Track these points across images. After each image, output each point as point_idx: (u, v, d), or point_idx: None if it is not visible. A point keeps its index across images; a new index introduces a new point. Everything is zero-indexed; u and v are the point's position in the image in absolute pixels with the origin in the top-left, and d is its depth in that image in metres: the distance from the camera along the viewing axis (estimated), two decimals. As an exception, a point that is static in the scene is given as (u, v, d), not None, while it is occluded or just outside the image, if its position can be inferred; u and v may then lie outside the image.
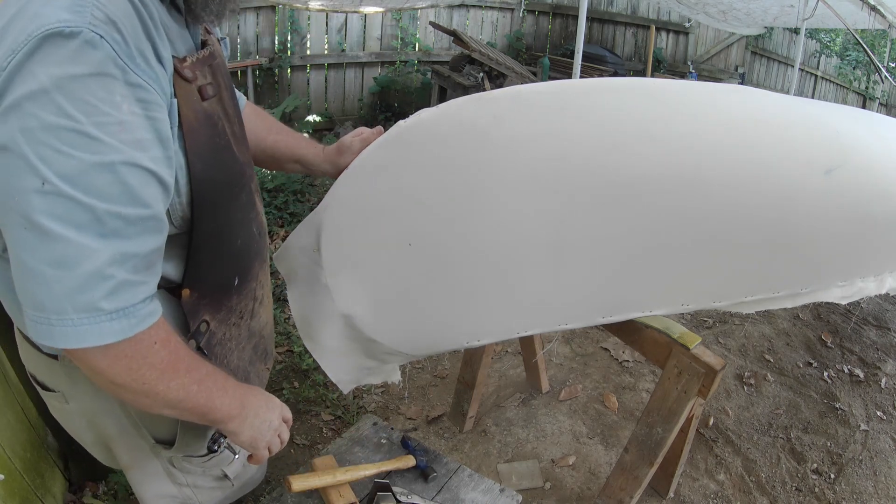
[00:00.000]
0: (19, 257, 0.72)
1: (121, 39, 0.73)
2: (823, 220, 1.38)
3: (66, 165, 0.69)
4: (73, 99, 0.69)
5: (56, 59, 0.69)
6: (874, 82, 6.75)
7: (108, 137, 0.71)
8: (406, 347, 1.44)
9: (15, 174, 0.69)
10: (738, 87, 1.62)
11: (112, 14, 0.73)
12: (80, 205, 0.70)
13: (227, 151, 0.97)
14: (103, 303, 0.74)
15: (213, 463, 1.19)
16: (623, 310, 1.42)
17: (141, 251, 0.77)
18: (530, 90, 1.32)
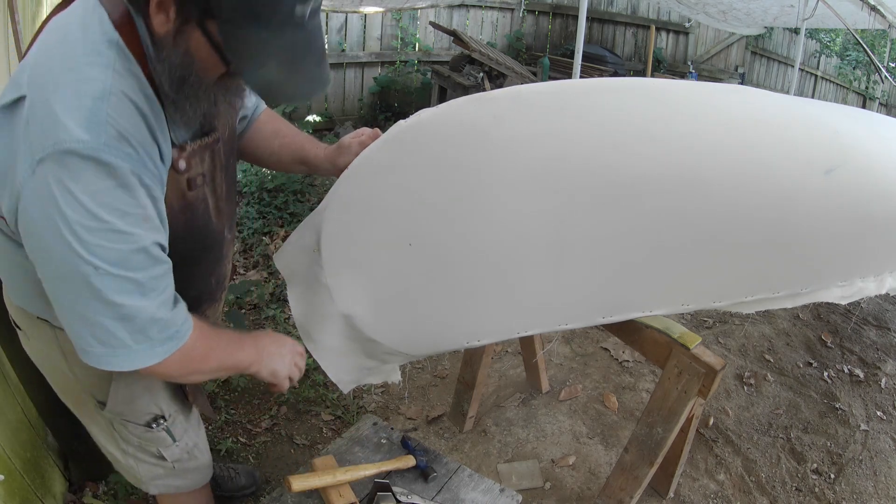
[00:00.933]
0: (80, 313, 0.93)
1: (133, 152, 0.91)
2: (823, 221, 1.38)
3: (111, 255, 0.90)
4: (105, 208, 0.88)
5: (82, 177, 0.86)
6: (874, 82, 6.75)
7: (137, 230, 0.93)
8: (406, 347, 1.44)
9: (72, 263, 0.89)
10: (738, 87, 1.62)
11: (123, 129, 0.89)
12: (126, 279, 0.93)
13: (204, 228, 1.18)
14: (155, 335, 0.98)
15: (149, 438, 1.34)
16: (623, 310, 1.42)
17: (169, 294, 1.01)
18: (530, 90, 1.32)
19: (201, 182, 1.14)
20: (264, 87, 0.95)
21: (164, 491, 1.46)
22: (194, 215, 1.14)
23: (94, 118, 0.87)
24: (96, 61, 0.89)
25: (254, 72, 0.92)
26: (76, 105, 0.87)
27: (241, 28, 0.88)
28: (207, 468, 1.52)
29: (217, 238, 1.25)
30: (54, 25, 0.97)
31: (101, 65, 0.90)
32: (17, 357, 1.72)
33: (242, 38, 0.89)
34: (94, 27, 0.92)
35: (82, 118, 0.86)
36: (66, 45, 0.91)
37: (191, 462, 1.45)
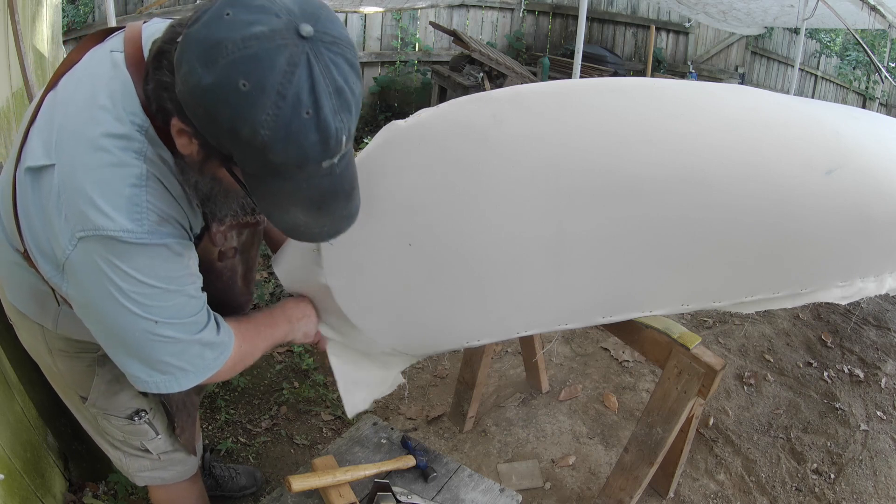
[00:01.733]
0: (140, 356, 1.01)
1: (173, 229, 0.97)
2: (823, 221, 1.38)
3: (166, 311, 0.98)
4: (155, 277, 0.95)
5: (132, 258, 0.92)
6: (874, 82, 6.74)
7: (185, 286, 1.01)
8: (406, 347, 1.44)
9: (131, 321, 0.97)
10: (738, 87, 1.61)
11: (162, 211, 0.95)
12: (182, 324, 1.01)
13: (226, 293, 1.26)
14: (209, 357, 1.08)
15: (132, 431, 1.38)
16: (623, 310, 1.42)
17: (213, 320, 1.09)
18: (530, 90, 1.32)
19: (233, 255, 1.22)
20: (291, 230, 0.95)
21: (151, 483, 1.48)
22: (219, 280, 1.22)
23: (134, 207, 0.91)
24: (129, 147, 0.91)
25: (280, 216, 0.91)
26: (114, 193, 0.90)
27: (265, 182, 0.87)
28: (193, 460, 1.53)
29: (240, 298, 1.33)
30: (80, 78, 0.98)
31: (134, 150, 0.92)
32: (17, 357, 1.72)
33: (267, 188, 0.88)
34: (124, 103, 0.92)
35: (123, 207, 0.90)
36: (93, 116, 0.92)
37: (176, 454, 1.47)
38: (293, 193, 0.87)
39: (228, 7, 0.78)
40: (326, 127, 0.79)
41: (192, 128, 0.85)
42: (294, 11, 0.79)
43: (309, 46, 0.78)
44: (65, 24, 4.75)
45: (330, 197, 0.89)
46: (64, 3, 4.75)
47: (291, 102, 0.77)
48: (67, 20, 4.86)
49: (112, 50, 0.99)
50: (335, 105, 0.79)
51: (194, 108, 0.81)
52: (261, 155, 0.81)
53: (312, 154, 0.81)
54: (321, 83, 0.78)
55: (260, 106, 0.76)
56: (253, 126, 0.77)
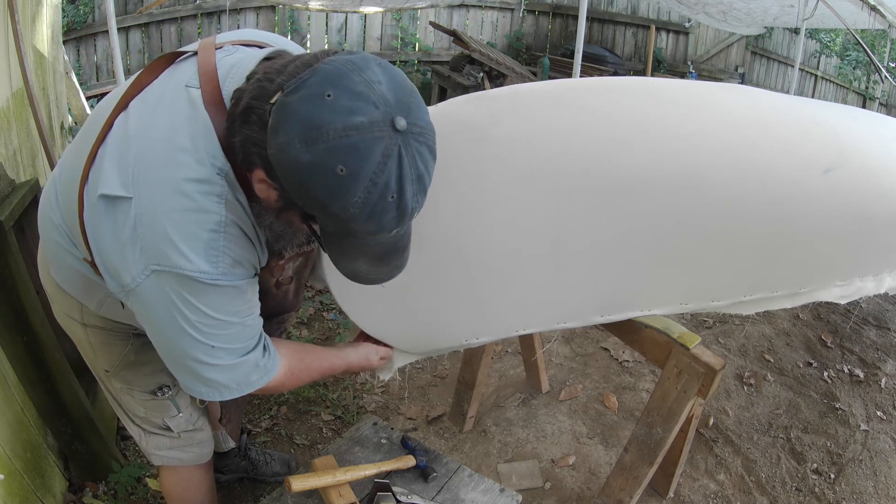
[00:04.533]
0: (193, 371, 1.08)
1: (244, 271, 1.04)
2: (822, 220, 1.38)
3: (224, 338, 1.06)
4: (222, 311, 1.03)
5: (204, 296, 0.99)
6: (874, 82, 6.74)
7: (246, 318, 1.08)
8: (405, 346, 1.44)
9: (190, 344, 1.04)
10: (737, 87, 1.62)
11: (237, 255, 1.01)
12: (235, 349, 1.08)
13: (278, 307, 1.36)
14: (254, 378, 1.14)
15: (153, 406, 1.41)
16: (621, 309, 1.42)
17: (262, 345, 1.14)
18: (528, 90, 1.32)
19: (288, 282, 1.30)
20: (350, 274, 1.03)
21: (167, 462, 1.50)
22: (274, 301, 1.31)
23: (212, 251, 0.97)
24: (210, 191, 0.96)
25: (345, 264, 1.01)
26: (194, 237, 0.96)
27: (339, 239, 0.96)
28: (209, 443, 1.56)
29: (289, 308, 1.41)
30: (155, 109, 1.01)
31: (216, 195, 0.97)
32: (17, 357, 1.72)
33: (338, 245, 0.98)
34: (206, 146, 0.97)
35: (201, 251, 0.96)
36: (180, 160, 0.96)
37: (195, 434, 1.50)
38: (362, 249, 0.97)
39: (329, 87, 0.84)
40: (405, 207, 0.89)
41: (278, 185, 0.91)
42: (391, 102, 0.85)
43: (401, 139, 0.85)
44: (65, 24, 4.76)
45: (391, 252, 1.00)
46: (64, 3, 4.76)
47: (381, 189, 0.85)
48: (67, 20, 4.87)
49: (188, 85, 1.02)
50: (415, 189, 0.89)
51: (287, 176, 0.87)
52: (343, 224, 0.89)
53: (388, 227, 0.91)
54: (407, 172, 0.86)
55: (353, 190, 0.84)
56: (343, 204, 0.86)
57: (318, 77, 0.85)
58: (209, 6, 5.62)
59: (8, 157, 2.05)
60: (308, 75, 0.86)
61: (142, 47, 5.47)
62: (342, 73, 0.85)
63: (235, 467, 2.04)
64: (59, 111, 3.18)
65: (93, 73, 5.28)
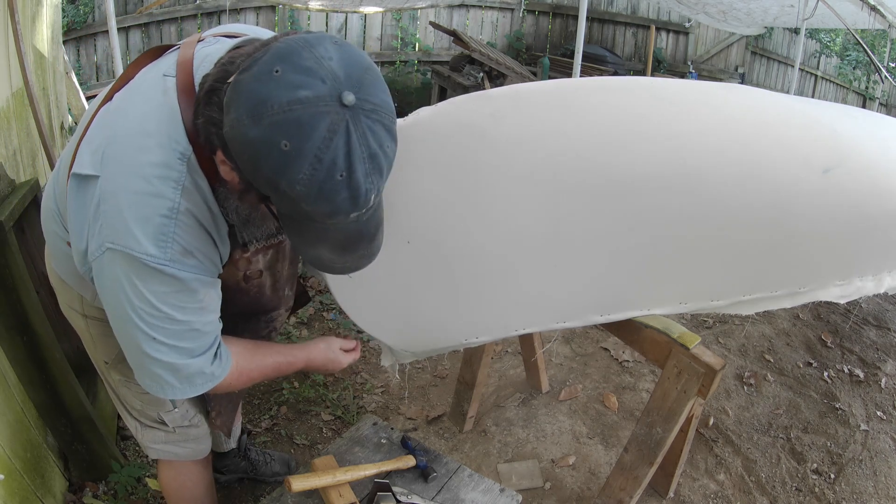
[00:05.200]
0: (138, 362, 1.09)
1: (196, 262, 1.02)
2: (821, 220, 1.38)
3: (167, 333, 1.04)
4: (166, 304, 1.01)
5: (148, 280, 0.98)
6: (874, 82, 6.74)
7: (192, 317, 1.05)
8: (404, 345, 1.44)
9: (134, 330, 1.03)
10: (737, 87, 1.61)
11: (188, 244, 0.99)
12: (178, 348, 1.06)
13: (255, 303, 1.34)
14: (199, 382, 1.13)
15: (149, 400, 1.41)
16: (621, 308, 1.42)
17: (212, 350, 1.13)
18: (528, 89, 1.32)
19: (258, 276, 1.28)
20: (315, 262, 1.02)
21: (163, 457, 1.51)
22: (246, 295, 1.30)
23: (161, 236, 0.97)
24: (168, 176, 0.97)
25: (306, 250, 0.99)
26: (146, 219, 0.96)
27: (296, 222, 0.94)
28: (206, 439, 1.56)
29: (269, 304, 1.39)
30: (132, 97, 1.05)
31: (173, 180, 0.97)
32: (16, 357, 1.72)
33: (298, 226, 0.95)
34: (170, 131, 0.98)
35: (150, 234, 0.96)
36: (144, 144, 0.98)
37: (191, 430, 1.50)
38: (321, 235, 0.94)
39: (278, 63, 0.83)
40: (357, 187, 0.85)
41: (234, 164, 0.91)
42: (339, 77, 0.83)
43: (349, 114, 0.83)
44: (65, 24, 4.76)
45: (355, 240, 0.97)
46: (64, 3, 4.76)
47: (327, 166, 0.82)
48: (67, 20, 4.87)
49: (165, 74, 1.04)
50: (367, 168, 0.85)
51: (239, 153, 0.87)
52: (295, 204, 0.87)
53: (342, 208, 0.87)
54: (357, 149, 0.84)
55: (298, 166, 0.82)
56: (290, 181, 0.83)
57: (269, 55, 0.84)
58: (209, 6, 5.62)
59: (8, 157, 2.05)
60: (261, 54, 0.85)
61: (142, 47, 5.47)
62: (293, 49, 0.84)
63: (235, 467, 2.04)
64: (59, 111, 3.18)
65: (93, 73, 5.28)
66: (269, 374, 1.31)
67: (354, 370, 2.73)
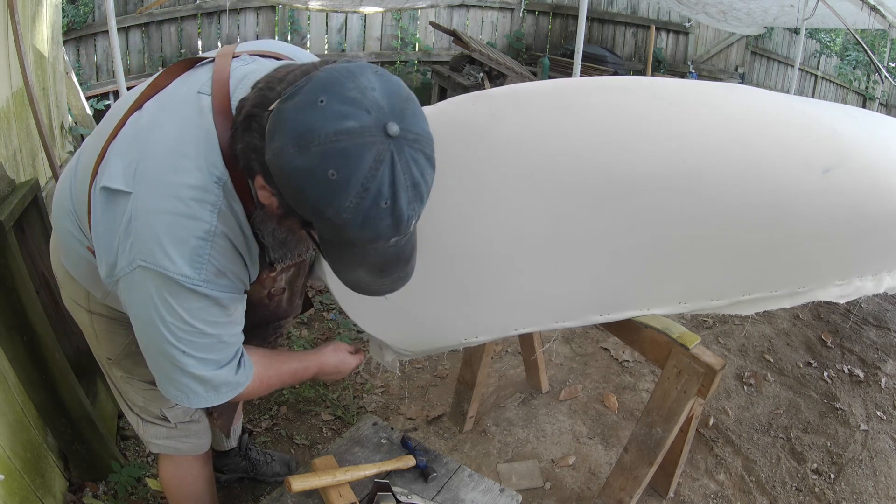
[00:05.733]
0: (166, 373, 1.10)
1: (229, 283, 1.05)
2: (821, 219, 1.38)
3: (197, 347, 1.07)
4: (198, 319, 1.04)
5: (182, 299, 1.01)
6: (874, 82, 6.74)
7: (222, 330, 1.09)
8: (405, 345, 1.44)
9: (164, 343, 1.05)
10: (737, 86, 1.62)
11: (222, 265, 1.02)
12: (207, 360, 1.09)
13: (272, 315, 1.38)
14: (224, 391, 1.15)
15: (152, 397, 1.43)
16: (620, 308, 1.42)
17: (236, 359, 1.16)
18: (528, 89, 1.32)
19: (281, 293, 1.31)
20: (353, 285, 1.02)
21: (164, 451, 1.52)
22: (267, 310, 1.33)
23: (197, 258, 0.99)
24: (205, 199, 0.99)
25: (345, 274, 1.00)
26: (181, 241, 0.98)
27: (338, 248, 0.96)
28: (206, 434, 1.57)
29: (283, 315, 1.42)
30: (165, 112, 1.05)
31: (210, 204, 0.99)
32: (17, 357, 1.72)
33: (338, 254, 0.97)
34: (207, 153, 0.99)
35: (186, 255, 0.98)
36: (180, 165, 0.99)
37: (192, 425, 1.52)
38: (361, 259, 0.96)
39: (322, 93, 0.84)
40: (400, 215, 0.88)
41: (276, 191, 0.92)
42: (383, 108, 0.85)
43: (394, 145, 0.84)
44: (65, 24, 4.76)
45: (392, 263, 0.98)
46: (64, 3, 4.76)
47: (373, 195, 0.84)
48: (67, 20, 4.87)
49: (200, 91, 1.05)
50: (410, 196, 0.88)
51: (283, 181, 0.88)
52: (338, 231, 0.89)
53: (385, 234, 0.89)
54: (401, 178, 0.86)
55: (345, 195, 0.84)
56: (336, 210, 0.85)
57: (312, 84, 0.86)
58: (209, 6, 5.62)
59: (8, 157, 2.05)
60: (304, 83, 0.87)
61: (142, 47, 5.47)
62: (336, 79, 0.86)
63: (235, 467, 2.04)
64: (59, 111, 3.18)
65: (93, 73, 5.28)
66: (286, 380, 1.33)
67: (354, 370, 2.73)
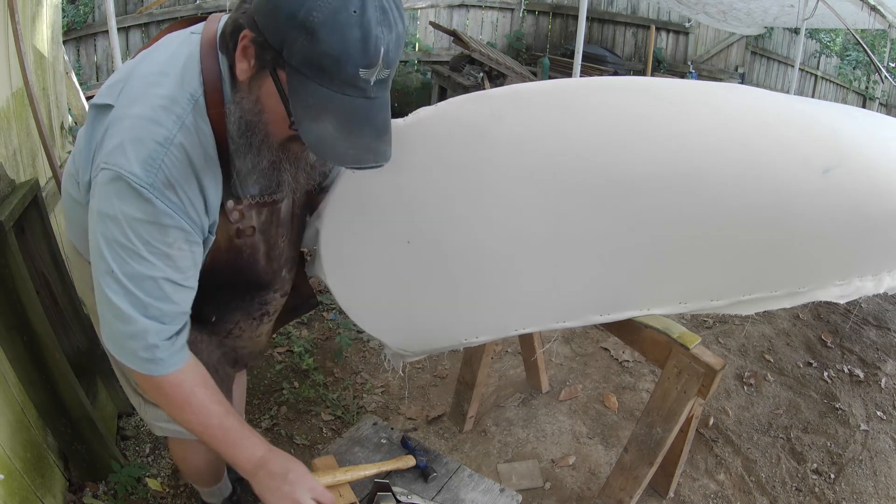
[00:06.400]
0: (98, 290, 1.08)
1: (176, 199, 1.03)
2: (821, 219, 1.38)
3: (125, 268, 1.04)
4: (135, 233, 1.02)
5: (126, 201, 1.00)
6: (874, 82, 6.74)
7: (156, 261, 1.05)
8: (404, 345, 1.44)
9: (97, 255, 1.06)
10: (736, 86, 1.61)
11: (173, 177, 1.02)
12: (131, 293, 1.05)
13: (248, 268, 1.31)
14: (140, 352, 1.09)
15: None
16: (620, 308, 1.42)
17: (169, 329, 1.11)
18: (528, 89, 1.32)
19: (251, 233, 1.27)
20: (318, 142, 0.97)
21: (166, 434, 1.51)
22: (239, 257, 1.29)
23: (150, 160, 1.00)
24: (172, 110, 1.02)
25: (310, 125, 0.96)
26: (140, 141, 1.00)
27: (307, 79, 0.95)
28: None
29: (263, 277, 1.37)
30: (158, 48, 1.12)
31: (175, 114, 1.02)
32: (17, 357, 1.72)
33: (305, 90, 0.95)
34: (184, 73, 1.04)
35: (141, 156, 1.00)
36: (160, 81, 1.04)
37: None
38: (329, 100, 0.95)
39: None
40: (368, 29, 0.91)
41: (254, 31, 0.96)
42: None
43: None
44: (65, 24, 4.76)
45: (361, 120, 0.98)
46: (64, 3, 4.76)
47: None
48: (67, 20, 4.86)
49: (192, 32, 1.12)
50: (378, 17, 0.92)
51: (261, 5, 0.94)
52: (309, 41, 0.91)
53: (353, 52, 0.92)
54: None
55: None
56: (308, 9, 0.89)
57: None
58: (209, 6, 5.62)
59: (8, 157, 2.05)
60: None
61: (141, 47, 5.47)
62: None
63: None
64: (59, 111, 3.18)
65: (93, 73, 5.28)
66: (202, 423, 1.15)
67: (354, 370, 2.73)
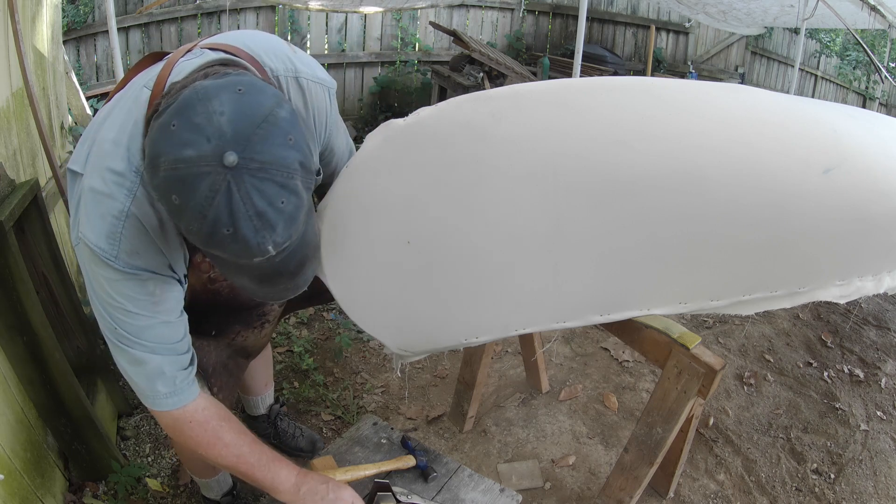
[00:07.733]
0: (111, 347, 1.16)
1: (142, 262, 1.09)
2: (821, 220, 1.38)
3: (123, 325, 1.12)
4: (117, 292, 1.09)
5: (101, 268, 1.08)
6: (874, 82, 6.74)
7: (145, 312, 1.12)
8: (404, 345, 1.44)
9: (98, 314, 1.14)
10: (736, 86, 1.61)
11: (134, 246, 1.07)
12: (135, 342, 1.14)
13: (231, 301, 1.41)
14: (160, 388, 1.17)
15: None
16: (620, 308, 1.42)
17: (182, 360, 1.20)
18: (528, 89, 1.32)
19: (221, 278, 1.33)
20: (240, 286, 1.06)
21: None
22: (218, 297, 1.37)
23: (111, 233, 1.06)
24: (123, 184, 1.05)
25: (231, 278, 1.06)
26: (101, 216, 1.06)
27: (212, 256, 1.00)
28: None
29: (248, 303, 1.45)
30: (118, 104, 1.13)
31: (126, 188, 1.05)
32: (17, 357, 1.72)
33: (215, 259, 1.01)
34: (129, 142, 1.07)
35: (104, 231, 1.06)
36: (113, 152, 1.07)
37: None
38: (237, 269, 0.99)
39: (175, 117, 0.88)
40: (246, 242, 0.89)
41: None
42: (226, 135, 0.86)
43: (231, 175, 0.86)
44: (65, 24, 4.75)
45: (272, 276, 0.99)
46: (64, 3, 4.75)
47: (211, 222, 0.87)
48: (67, 20, 4.86)
49: (145, 86, 1.11)
50: (256, 225, 0.88)
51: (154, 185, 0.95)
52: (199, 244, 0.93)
53: (239, 256, 0.92)
54: (240, 208, 0.86)
55: (187, 218, 0.89)
56: (187, 227, 0.91)
57: (174, 105, 0.90)
58: (209, 6, 5.62)
59: (8, 157, 2.05)
60: (172, 100, 0.91)
61: (142, 47, 5.47)
62: (190, 102, 0.88)
63: (262, 432, 2.05)
64: (59, 111, 3.17)
65: (93, 73, 5.28)
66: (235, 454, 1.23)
67: (354, 370, 2.73)
